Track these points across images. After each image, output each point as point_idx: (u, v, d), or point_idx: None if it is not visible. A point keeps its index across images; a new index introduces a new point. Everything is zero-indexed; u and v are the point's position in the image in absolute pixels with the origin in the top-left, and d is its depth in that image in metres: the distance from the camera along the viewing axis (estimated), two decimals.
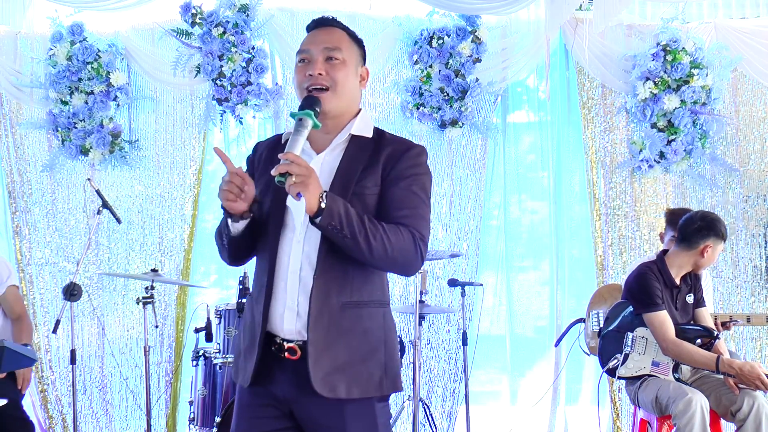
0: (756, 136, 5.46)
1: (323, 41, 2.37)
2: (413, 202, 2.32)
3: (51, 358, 5.39)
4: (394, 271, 2.36)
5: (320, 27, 2.43)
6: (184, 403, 5.03)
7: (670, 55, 5.22)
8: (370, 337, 2.32)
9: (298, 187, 2.13)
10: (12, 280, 4.43)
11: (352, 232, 2.18)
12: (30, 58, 5.39)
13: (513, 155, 5.54)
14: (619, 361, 4.05)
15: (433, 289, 5.36)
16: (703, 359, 3.90)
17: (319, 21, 2.45)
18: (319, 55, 2.35)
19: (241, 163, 2.63)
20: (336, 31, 2.42)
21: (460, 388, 5.27)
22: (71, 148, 5.32)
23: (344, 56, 2.36)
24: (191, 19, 5.25)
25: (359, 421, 2.30)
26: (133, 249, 5.44)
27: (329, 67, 2.34)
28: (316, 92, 2.32)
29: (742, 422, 3.79)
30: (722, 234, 4.05)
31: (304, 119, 2.23)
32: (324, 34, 2.40)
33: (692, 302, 4.12)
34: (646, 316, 4.00)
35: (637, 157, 5.32)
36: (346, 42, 2.40)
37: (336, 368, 2.25)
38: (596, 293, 4.91)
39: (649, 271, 4.06)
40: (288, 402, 2.33)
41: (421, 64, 5.32)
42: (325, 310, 2.26)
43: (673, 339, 3.93)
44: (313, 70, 2.33)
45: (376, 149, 2.37)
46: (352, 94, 2.41)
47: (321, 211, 2.15)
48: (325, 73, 2.33)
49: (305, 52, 2.38)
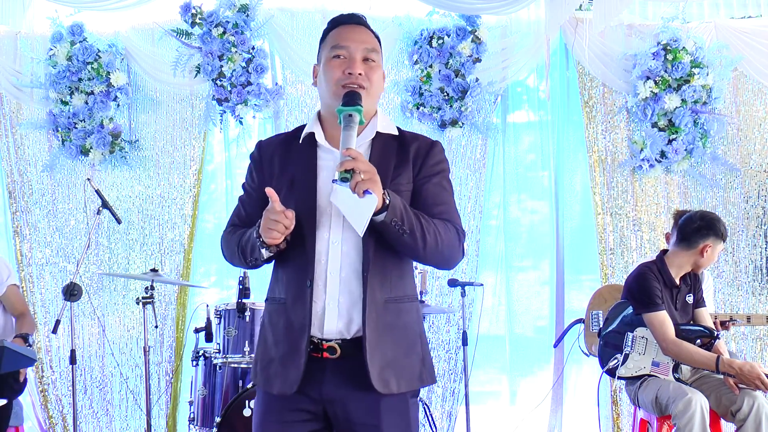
0: (757, 135, 5.46)
1: (363, 41, 2.37)
2: (446, 197, 2.40)
3: (51, 358, 5.39)
4: (437, 264, 2.41)
5: (357, 25, 2.41)
6: (184, 403, 5.03)
7: (671, 54, 5.21)
8: (409, 332, 2.36)
9: (366, 184, 2.09)
10: (12, 279, 4.44)
11: (411, 228, 2.21)
12: (30, 59, 5.39)
13: (513, 155, 5.54)
14: (619, 361, 4.04)
15: (433, 289, 5.36)
16: (702, 359, 3.89)
17: (356, 18, 2.43)
18: (358, 54, 2.34)
19: (239, 162, 2.64)
20: (370, 32, 2.43)
21: (460, 388, 5.26)
22: (71, 148, 5.33)
23: (378, 59, 2.39)
24: (191, 19, 5.25)
25: (395, 416, 2.31)
26: (133, 249, 5.44)
27: (367, 68, 2.35)
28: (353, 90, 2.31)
29: (743, 422, 3.79)
30: (722, 234, 4.05)
31: (354, 115, 2.21)
32: (363, 33, 2.39)
33: (692, 302, 4.11)
34: (645, 316, 3.99)
35: (638, 156, 5.32)
36: (378, 45, 2.43)
37: (387, 363, 2.28)
38: (596, 293, 4.91)
39: (648, 271, 4.06)
40: (325, 402, 2.31)
41: (421, 64, 5.32)
42: (372, 308, 2.27)
43: (673, 339, 3.93)
44: (354, 69, 2.32)
45: (402, 146, 2.39)
46: (379, 95, 2.45)
47: (385, 207, 2.16)
48: (363, 73, 2.33)
49: (343, 48, 2.35)
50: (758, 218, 5.42)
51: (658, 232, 5.37)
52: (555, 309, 5.48)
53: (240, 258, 2.39)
